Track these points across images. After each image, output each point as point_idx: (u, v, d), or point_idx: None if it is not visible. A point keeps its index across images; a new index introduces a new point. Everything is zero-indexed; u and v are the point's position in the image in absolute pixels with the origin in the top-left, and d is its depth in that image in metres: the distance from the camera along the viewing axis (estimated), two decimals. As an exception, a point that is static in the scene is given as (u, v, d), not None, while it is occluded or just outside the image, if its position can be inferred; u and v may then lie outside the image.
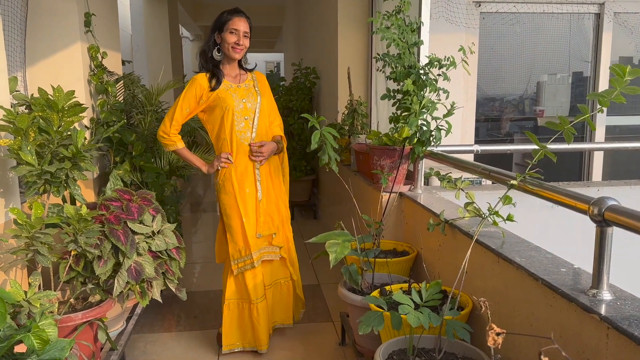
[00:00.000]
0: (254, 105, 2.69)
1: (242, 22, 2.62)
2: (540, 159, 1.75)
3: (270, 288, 2.84)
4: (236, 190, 2.65)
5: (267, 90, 2.81)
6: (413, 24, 2.77)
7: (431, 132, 2.68)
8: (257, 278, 2.70)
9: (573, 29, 4.86)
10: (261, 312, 2.71)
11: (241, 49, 2.64)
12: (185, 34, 11.73)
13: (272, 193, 2.79)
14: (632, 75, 1.50)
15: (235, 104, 2.63)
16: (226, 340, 2.75)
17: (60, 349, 1.57)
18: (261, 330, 2.72)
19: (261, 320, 2.72)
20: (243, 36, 2.63)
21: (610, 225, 1.45)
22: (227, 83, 2.66)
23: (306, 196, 6.04)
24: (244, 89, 2.70)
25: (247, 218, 2.66)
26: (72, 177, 2.15)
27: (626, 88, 1.51)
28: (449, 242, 2.37)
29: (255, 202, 2.70)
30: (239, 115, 2.64)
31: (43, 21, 2.96)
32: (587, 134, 4.96)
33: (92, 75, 3.17)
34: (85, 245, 2.14)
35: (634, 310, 1.37)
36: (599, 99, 1.55)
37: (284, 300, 2.92)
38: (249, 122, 2.66)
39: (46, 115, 2.05)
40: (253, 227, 2.68)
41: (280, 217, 2.83)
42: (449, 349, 1.89)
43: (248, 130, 2.66)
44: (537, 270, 1.69)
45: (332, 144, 2.38)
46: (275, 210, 2.80)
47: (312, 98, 6.04)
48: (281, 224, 2.84)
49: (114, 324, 2.76)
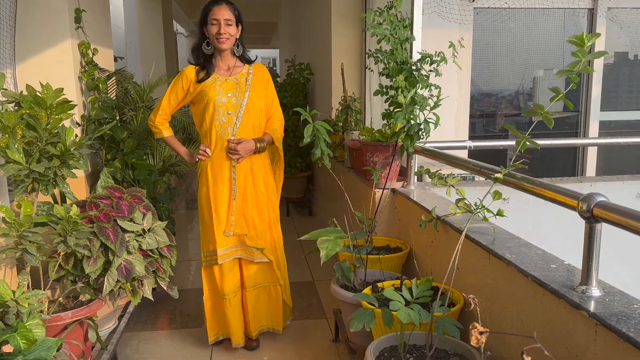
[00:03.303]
0: (240, 100, 2.61)
1: (222, 10, 2.53)
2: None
3: (253, 290, 2.77)
4: (210, 184, 2.64)
5: (263, 84, 2.70)
6: (405, 20, 2.76)
7: (419, 125, 2.66)
8: (225, 275, 2.68)
9: (567, 24, 4.85)
10: (234, 308, 2.71)
11: (225, 38, 2.55)
12: (179, 29, 11.69)
13: (251, 193, 2.69)
14: (591, 40, 1.47)
15: (217, 98, 2.58)
16: (210, 332, 2.78)
17: (47, 348, 1.57)
18: (233, 325, 2.72)
19: (234, 316, 2.71)
20: (225, 25, 2.53)
21: (599, 222, 1.45)
22: (215, 76, 2.62)
23: (301, 193, 6.03)
24: (232, 83, 2.62)
25: (216, 214, 2.63)
26: (61, 175, 2.13)
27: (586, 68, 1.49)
28: (441, 238, 2.36)
29: (228, 200, 2.64)
30: (221, 109, 2.58)
31: (33, 17, 2.94)
32: (581, 129, 4.96)
33: (83, 72, 3.14)
34: (75, 246, 2.12)
35: (622, 307, 1.37)
36: (568, 76, 1.53)
37: (272, 304, 2.84)
38: (232, 117, 2.60)
39: (34, 112, 2.02)
40: (221, 224, 2.64)
41: (262, 219, 2.73)
42: (440, 346, 1.89)
43: (230, 126, 2.60)
44: (527, 266, 1.68)
45: (325, 138, 2.34)
46: (255, 212, 2.70)
47: (307, 94, 6.03)
48: (267, 227, 2.75)
49: (106, 322, 2.75)
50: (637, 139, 4.15)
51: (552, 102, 1.59)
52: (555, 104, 1.61)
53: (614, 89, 5.26)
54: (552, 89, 1.57)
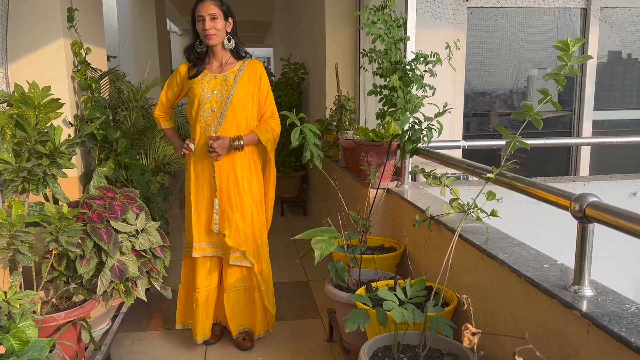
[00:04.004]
0: (225, 97, 2.59)
1: (205, 6, 2.52)
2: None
3: (232, 292, 2.74)
4: (192, 180, 2.68)
5: (254, 81, 2.65)
6: (399, 20, 2.76)
7: (422, 131, 2.67)
8: (198, 269, 2.70)
9: (560, 23, 4.87)
10: (202, 303, 2.71)
11: (212, 34, 2.53)
12: (173, 28, 11.64)
13: (235, 193, 2.64)
14: (576, 45, 1.49)
15: (202, 94, 2.59)
16: (177, 318, 2.86)
17: (39, 349, 1.56)
18: (198, 319, 2.73)
19: (199, 311, 2.72)
20: (210, 20, 2.51)
21: (591, 222, 1.45)
22: (205, 73, 2.64)
23: (295, 192, 6.03)
24: (220, 80, 2.61)
25: (195, 209, 2.68)
26: (51, 175, 2.12)
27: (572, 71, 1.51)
28: (435, 238, 2.37)
29: (210, 197, 2.65)
30: (206, 105, 2.59)
31: (25, 17, 2.92)
32: (575, 128, 4.98)
33: (76, 71, 3.13)
34: (67, 244, 2.11)
35: (614, 306, 1.38)
36: (554, 78, 1.54)
37: (252, 307, 2.78)
38: (216, 114, 2.59)
39: (22, 112, 2.01)
40: (201, 220, 2.68)
41: (245, 220, 2.67)
42: (434, 345, 1.89)
43: (213, 123, 2.60)
44: (520, 266, 1.69)
45: (314, 141, 2.33)
46: (238, 213, 2.65)
47: (301, 94, 6.02)
48: (251, 230, 2.69)
49: (99, 323, 2.74)
50: (630, 139, 4.18)
51: (540, 104, 1.60)
52: (549, 104, 1.61)
53: (607, 88, 5.29)
54: (540, 91, 1.58)
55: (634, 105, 5.38)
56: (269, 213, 2.85)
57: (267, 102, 2.71)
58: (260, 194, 2.75)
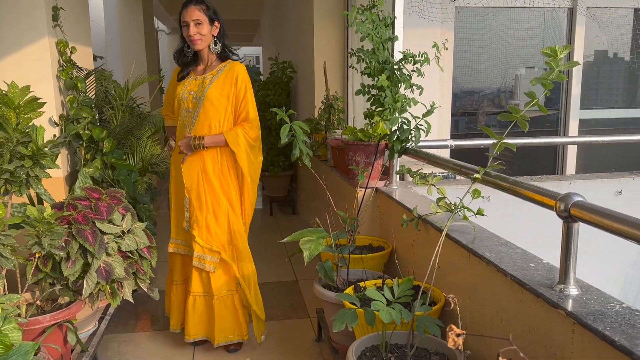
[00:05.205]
0: (198, 97, 2.60)
1: (189, 12, 2.53)
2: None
3: (200, 297, 2.67)
4: (172, 176, 2.80)
5: (230, 82, 2.59)
6: (387, 19, 2.76)
7: (410, 131, 2.67)
8: (175, 263, 2.82)
9: (547, 22, 4.91)
10: (179, 294, 2.82)
11: (197, 39, 2.56)
12: (160, 27, 11.57)
13: (209, 194, 2.62)
14: (564, 52, 1.52)
15: (180, 95, 2.67)
16: (166, 305, 2.96)
17: (24, 353, 1.54)
18: (173, 309, 2.84)
19: (176, 301, 2.83)
20: (194, 25, 2.53)
21: (576, 221, 1.46)
22: (190, 75, 2.71)
23: (285, 191, 6.02)
24: (199, 82, 2.64)
25: (174, 205, 2.79)
26: (34, 176, 2.09)
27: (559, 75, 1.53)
28: (423, 237, 2.37)
29: (182, 195, 2.69)
30: (184, 105, 2.66)
31: (8, 15, 2.88)
32: (561, 127, 5.02)
33: (61, 70, 3.09)
34: (50, 247, 2.08)
35: (599, 305, 1.39)
36: (541, 83, 1.57)
37: (225, 313, 2.68)
38: (191, 115, 2.64)
39: (2, 112, 1.98)
40: (178, 216, 2.77)
41: (220, 223, 2.63)
42: (422, 345, 1.90)
43: (189, 123, 2.66)
44: (506, 265, 1.69)
45: (303, 139, 2.33)
46: (210, 214, 2.62)
47: (290, 93, 6.01)
48: (227, 234, 2.65)
49: (86, 324, 2.71)
50: (616, 137, 4.22)
51: (526, 108, 1.61)
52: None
53: (593, 87, 5.33)
54: (527, 94, 1.59)
55: (620, 104, 5.43)
56: (247, 220, 2.77)
57: (243, 104, 2.63)
58: (235, 197, 2.69)
